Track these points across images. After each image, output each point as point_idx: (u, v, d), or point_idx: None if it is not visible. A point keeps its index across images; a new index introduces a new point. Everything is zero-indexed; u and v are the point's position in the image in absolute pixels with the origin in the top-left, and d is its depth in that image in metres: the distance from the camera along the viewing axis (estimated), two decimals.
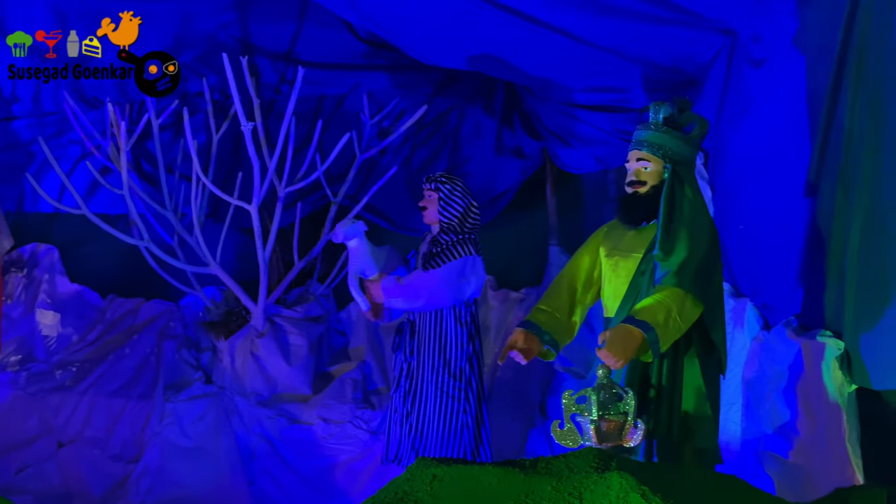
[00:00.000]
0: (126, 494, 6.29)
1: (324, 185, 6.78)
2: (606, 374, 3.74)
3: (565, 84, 6.20)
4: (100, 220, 6.44)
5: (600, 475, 2.97)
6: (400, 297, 5.31)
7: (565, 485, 2.99)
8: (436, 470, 3.16)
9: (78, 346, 6.88)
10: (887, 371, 3.49)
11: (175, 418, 6.46)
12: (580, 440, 3.72)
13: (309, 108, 6.88)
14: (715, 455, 3.98)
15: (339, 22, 6.57)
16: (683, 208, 4.03)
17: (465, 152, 7.06)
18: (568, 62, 5.94)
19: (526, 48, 5.91)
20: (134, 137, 6.47)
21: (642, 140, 4.18)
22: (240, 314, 6.81)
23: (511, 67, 6.20)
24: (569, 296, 4.37)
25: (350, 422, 6.32)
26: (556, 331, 4.33)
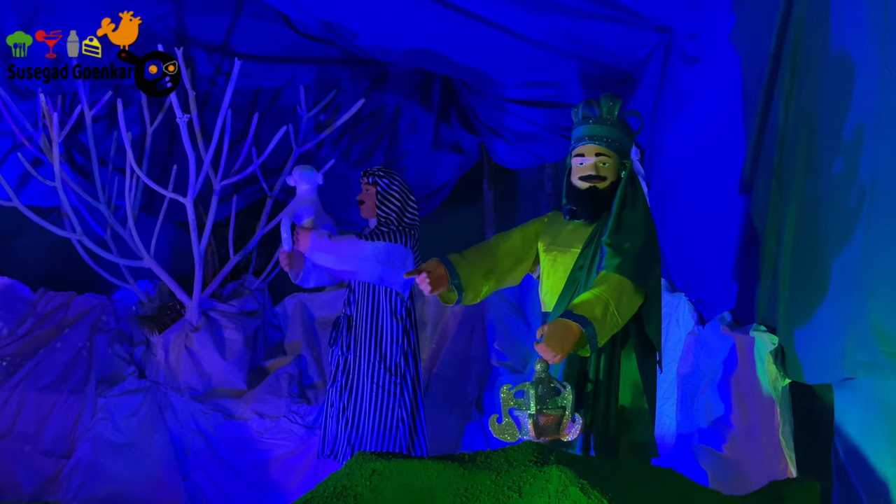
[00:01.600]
0: (58, 490, 6.18)
1: (260, 178, 6.74)
2: (544, 368, 3.76)
3: (501, 79, 6.23)
4: (31, 213, 6.32)
5: (539, 469, 2.99)
6: (324, 252, 5.29)
7: (504, 479, 3.01)
8: (375, 464, 3.16)
9: (8, 341, 6.75)
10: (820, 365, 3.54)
11: (107, 413, 6.37)
12: (518, 434, 3.74)
13: (245, 100, 6.82)
14: (651, 449, 4.02)
15: (275, 14, 6.52)
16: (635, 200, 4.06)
17: (403, 146, 7.06)
18: (504, 58, 5.96)
19: (463, 43, 5.93)
20: (67, 129, 6.36)
21: (601, 136, 4.13)
22: (174, 308, 6.74)
23: (448, 62, 6.21)
24: (490, 263, 4.32)
25: (286, 416, 6.27)
26: (467, 280, 4.26)
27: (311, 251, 5.31)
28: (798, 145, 3.84)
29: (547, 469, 2.96)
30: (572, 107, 4.78)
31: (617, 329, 3.86)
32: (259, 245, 6.93)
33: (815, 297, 3.58)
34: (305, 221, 5.41)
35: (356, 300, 5.49)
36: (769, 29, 4.18)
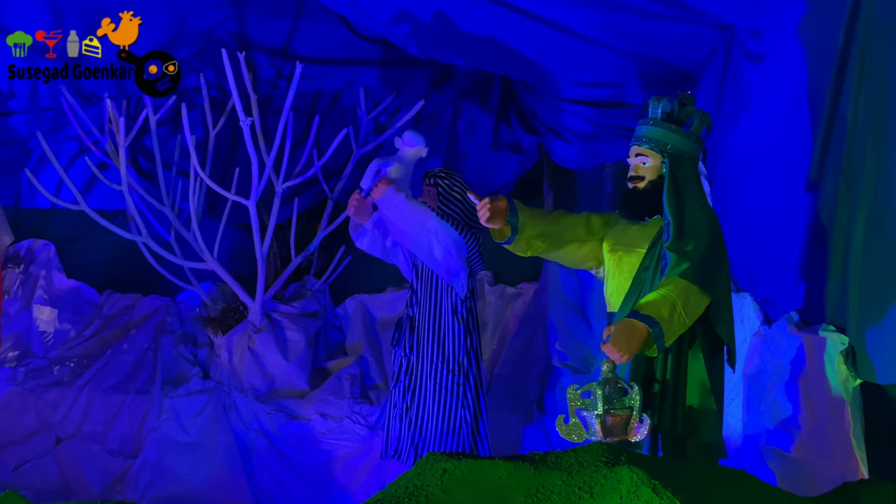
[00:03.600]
0: (125, 489, 6.28)
1: (321, 180, 6.79)
2: (611, 368, 3.76)
3: (561, 79, 6.22)
4: (98, 216, 6.43)
5: (610, 469, 2.99)
6: (394, 205, 5.25)
7: (576, 479, 3.01)
8: (446, 464, 3.18)
9: (75, 342, 6.88)
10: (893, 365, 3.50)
11: (173, 414, 6.47)
12: (585, 435, 3.75)
13: (306, 103, 6.89)
14: (719, 449, 4.00)
15: (335, 17, 6.56)
16: (686, 201, 4.04)
17: (462, 148, 7.07)
18: (564, 57, 5.95)
19: (523, 43, 5.92)
20: (132, 133, 6.46)
21: (641, 135, 4.20)
22: (237, 310, 6.82)
23: (507, 62, 6.21)
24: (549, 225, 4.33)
25: (348, 417, 6.32)
26: (523, 225, 4.26)
27: (384, 199, 5.26)
28: (868, 143, 3.80)
29: (618, 469, 2.96)
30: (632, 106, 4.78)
31: (684, 329, 3.84)
32: (320, 247, 6.98)
33: (886, 297, 3.54)
34: (390, 171, 5.36)
35: (418, 301, 5.51)
36: (837, 24, 4.14)
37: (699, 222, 4.00)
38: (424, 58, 6.57)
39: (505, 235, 4.32)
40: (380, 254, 5.72)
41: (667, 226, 4.00)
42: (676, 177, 4.09)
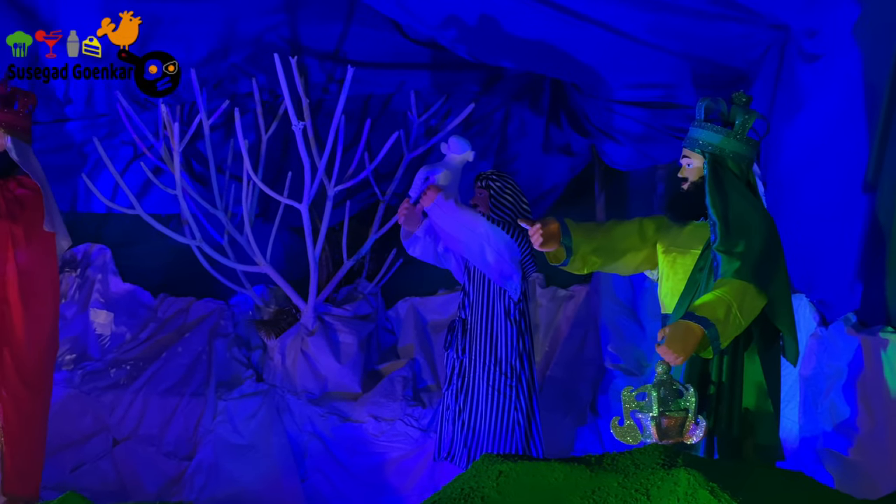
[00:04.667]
0: (181, 491, 6.33)
1: (372, 183, 6.82)
2: (666, 370, 3.75)
3: (612, 81, 6.19)
4: (153, 220, 6.50)
5: (667, 471, 2.98)
6: (445, 213, 5.29)
7: (632, 481, 3.01)
8: (502, 466, 3.18)
9: (131, 345, 6.95)
10: None
11: (227, 416, 6.51)
12: (640, 437, 3.74)
13: (356, 107, 6.92)
14: (777, 452, 3.97)
15: (386, 21, 6.58)
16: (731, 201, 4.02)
17: (513, 150, 7.07)
18: (615, 59, 5.93)
19: (573, 45, 5.91)
20: (187, 138, 6.51)
21: (687, 137, 4.24)
22: (290, 312, 6.86)
23: (558, 64, 6.21)
24: (603, 240, 4.38)
25: (401, 419, 6.34)
26: (577, 245, 4.32)
27: (434, 207, 5.30)
28: None
29: (675, 472, 2.95)
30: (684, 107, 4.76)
31: (740, 331, 3.82)
32: (372, 250, 7.00)
33: None
34: (439, 178, 5.40)
35: (471, 304, 5.52)
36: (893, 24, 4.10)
37: (749, 221, 3.97)
38: (475, 61, 6.58)
39: (560, 258, 4.35)
40: (432, 260, 5.75)
41: (713, 226, 3.99)
42: (719, 177, 4.07)
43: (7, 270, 5.36)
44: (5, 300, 5.37)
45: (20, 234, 5.41)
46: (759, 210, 4.09)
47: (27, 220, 5.44)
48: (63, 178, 6.91)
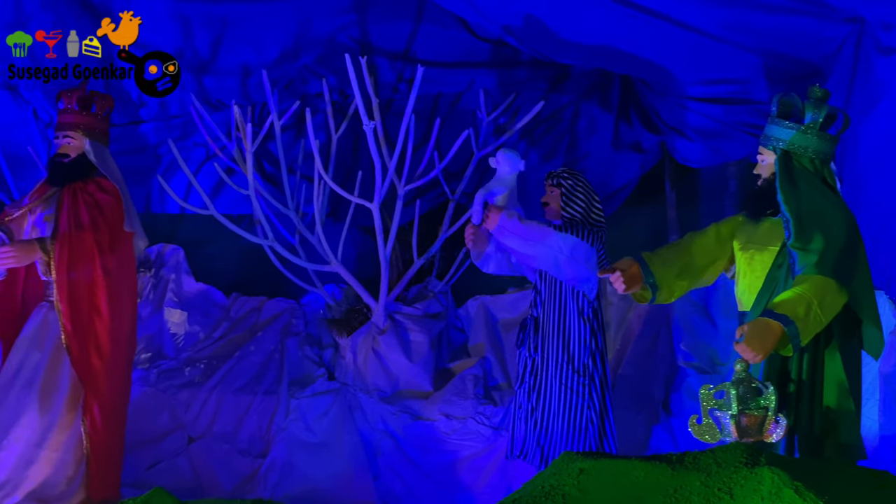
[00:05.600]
0: (255, 488, 6.39)
1: (442, 182, 6.82)
2: (745, 368, 3.72)
3: (683, 77, 6.15)
4: (227, 221, 6.57)
5: (750, 470, 2.96)
6: (510, 232, 5.30)
7: (715, 480, 2.99)
8: (582, 464, 3.18)
9: (204, 344, 7.04)
10: None
11: (300, 414, 6.56)
12: (719, 436, 3.71)
13: (426, 106, 6.94)
14: (858, 451, 3.92)
15: (455, 20, 6.59)
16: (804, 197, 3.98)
17: (582, 148, 7.05)
18: (686, 55, 5.89)
19: (643, 41, 5.88)
20: (259, 139, 6.57)
21: (762, 134, 4.20)
22: (361, 311, 6.89)
23: (628, 61, 6.17)
24: (684, 261, 4.36)
25: (472, 418, 6.34)
26: (661, 278, 4.32)
27: (499, 229, 5.33)
28: None
29: (758, 470, 2.93)
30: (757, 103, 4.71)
31: (820, 328, 3.78)
32: (442, 248, 7.02)
33: None
34: (498, 199, 5.43)
35: (543, 302, 5.51)
36: None
37: (824, 216, 3.93)
38: (543, 58, 6.57)
39: (647, 298, 4.36)
40: (507, 272, 5.77)
41: (786, 223, 3.95)
42: (790, 173, 4.04)
43: (95, 278, 5.44)
44: (95, 307, 5.46)
45: (105, 240, 5.50)
46: (837, 205, 4.04)
47: (110, 226, 5.52)
48: (138, 180, 7.00)
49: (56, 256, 5.37)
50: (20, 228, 5.67)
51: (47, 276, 5.45)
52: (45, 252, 5.38)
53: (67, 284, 5.38)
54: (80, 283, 5.41)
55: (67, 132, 5.63)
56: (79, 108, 5.64)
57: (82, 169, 5.62)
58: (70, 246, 5.40)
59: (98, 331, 5.45)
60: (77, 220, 5.46)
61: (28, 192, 6.19)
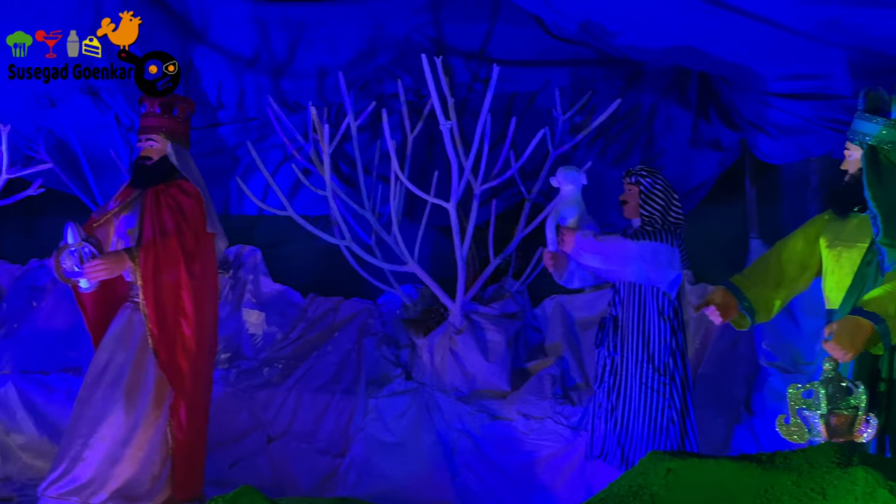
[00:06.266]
0: (334, 487, 6.44)
1: (518, 181, 6.80)
2: (834, 367, 3.66)
3: (764, 73, 6.06)
4: (304, 222, 6.62)
5: (843, 470, 2.91)
6: (590, 253, 5.29)
7: (807, 480, 2.94)
8: (670, 463, 3.15)
9: (282, 344, 7.10)
10: None
11: (378, 414, 6.59)
12: (807, 436, 3.65)
13: (501, 105, 6.92)
14: None
15: (530, 19, 6.58)
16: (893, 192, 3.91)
17: (660, 145, 6.97)
18: (767, 50, 5.80)
19: (722, 37, 5.80)
20: (336, 140, 6.61)
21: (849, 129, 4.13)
22: (437, 311, 6.90)
23: (706, 58, 6.09)
24: (776, 274, 4.33)
25: (550, 417, 6.31)
26: (756, 301, 4.29)
27: (576, 251, 5.34)
28: None
29: (852, 471, 2.88)
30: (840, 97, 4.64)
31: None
32: (518, 248, 7.00)
33: None
34: (570, 221, 5.43)
35: (622, 301, 5.46)
36: None
37: None
38: (620, 56, 6.52)
39: (745, 324, 4.32)
40: (593, 282, 5.75)
41: (873, 219, 3.89)
42: (878, 168, 3.96)
43: (180, 280, 5.51)
44: (181, 309, 5.52)
45: (189, 244, 5.56)
46: None
47: (193, 230, 5.58)
48: (216, 182, 7.08)
49: (142, 263, 5.44)
50: (107, 234, 5.74)
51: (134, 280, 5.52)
52: (133, 261, 5.45)
53: (153, 289, 5.45)
54: (165, 286, 5.47)
55: (150, 135, 5.69)
56: (161, 112, 5.71)
57: (164, 172, 5.68)
58: (155, 252, 5.46)
59: (184, 332, 5.51)
60: (161, 225, 5.52)
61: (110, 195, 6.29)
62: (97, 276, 5.45)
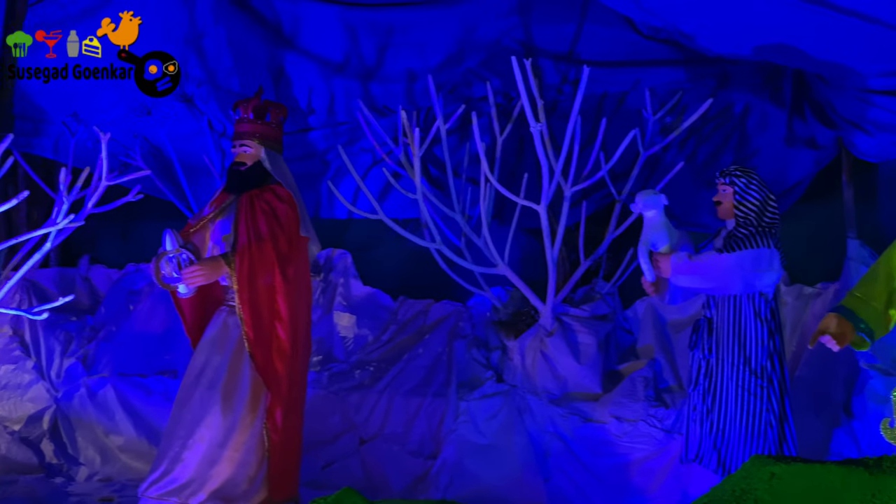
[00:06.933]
0: (427, 489, 6.46)
1: (608, 183, 6.76)
2: None
3: (861, 69, 5.93)
4: (395, 225, 6.66)
5: None
6: (688, 275, 5.24)
7: None
8: (774, 468, 3.10)
9: (373, 347, 7.16)
10: None
11: (469, 416, 6.58)
12: None
13: (591, 106, 6.89)
14: None
15: (619, 19, 6.54)
16: None
17: (753, 145, 6.87)
18: (863, 46, 5.68)
19: (817, 34, 5.70)
20: (427, 143, 6.63)
21: None
22: (528, 313, 6.89)
23: (801, 55, 5.99)
24: (887, 286, 4.19)
25: (643, 420, 6.26)
26: (872, 319, 4.16)
27: (674, 276, 5.30)
28: None
29: None
30: None
31: None
32: (609, 249, 6.97)
33: None
34: (662, 248, 5.38)
35: (716, 303, 5.39)
36: None
37: None
38: (711, 54, 6.44)
39: (865, 346, 4.24)
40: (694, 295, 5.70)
41: None
42: None
43: (275, 284, 5.57)
44: (276, 313, 5.58)
45: (283, 249, 5.60)
46: None
47: (287, 234, 5.63)
48: (307, 186, 7.17)
49: (238, 268, 5.50)
50: (202, 239, 5.82)
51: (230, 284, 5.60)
52: (230, 266, 5.53)
53: (249, 293, 5.51)
54: (260, 290, 5.53)
55: (244, 141, 5.76)
56: (254, 118, 5.77)
57: (259, 177, 5.74)
58: (250, 257, 5.52)
59: (279, 335, 5.56)
60: (256, 230, 5.58)
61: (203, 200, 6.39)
62: (195, 281, 5.54)
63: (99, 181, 5.55)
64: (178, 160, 7.51)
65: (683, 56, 6.71)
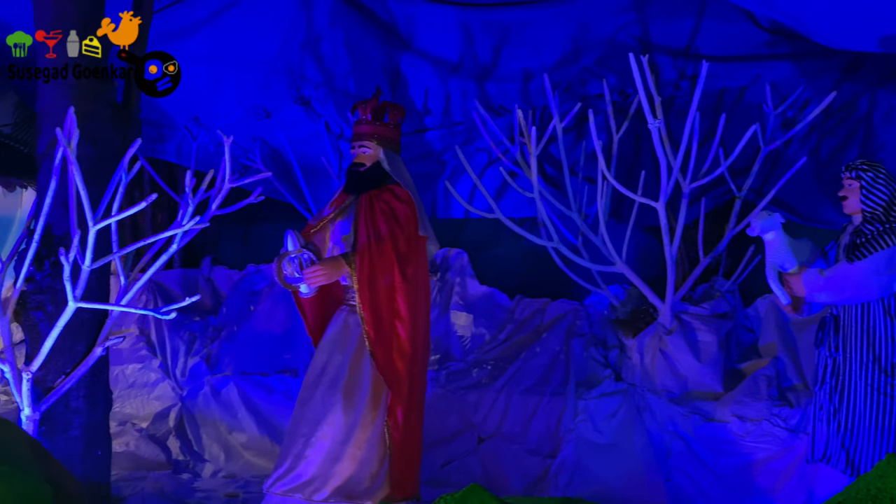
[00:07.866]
0: (546, 488, 6.46)
1: (728, 179, 6.65)
2: None
3: None
4: (512, 224, 6.66)
5: None
6: (823, 291, 5.15)
7: None
8: None
9: (490, 346, 7.17)
10: None
11: (588, 415, 6.57)
12: None
13: (709, 102, 6.80)
14: None
15: (738, 13, 6.44)
16: None
17: (879, 139, 6.69)
18: None
19: None
20: (543, 142, 6.62)
21: None
22: (646, 311, 6.83)
23: None
24: None
25: (767, 419, 6.15)
26: None
27: (809, 295, 5.22)
28: None
29: None
30: None
31: None
32: (729, 247, 6.86)
33: None
34: (792, 269, 5.29)
35: None
36: None
37: None
38: (835, 46, 6.30)
39: None
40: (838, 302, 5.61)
41: None
42: None
43: (395, 283, 5.62)
44: (396, 312, 5.63)
45: (403, 248, 5.65)
46: None
47: (406, 234, 5.67)
48: (424, 186, 7.22)
49: (358, 268, 5.58)
50: (323, 239, 5.90)
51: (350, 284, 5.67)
52: (350, 265, 5.60)
53: (369, 292, 5.57)
54: (380, 289, 5.59)
55: (363, 142, 5.82)
56: (372, 119, 5.83)
57: (377, 177, 5.80)
58: (371, 257, 5.59)
59: (400, 334, 5.61)
60: (375, 230, 5.64)
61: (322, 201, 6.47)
62: (316, 281, 5.62)
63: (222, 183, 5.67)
64: (296, 162, 7.64)
65: (805, 49, 6.57)
